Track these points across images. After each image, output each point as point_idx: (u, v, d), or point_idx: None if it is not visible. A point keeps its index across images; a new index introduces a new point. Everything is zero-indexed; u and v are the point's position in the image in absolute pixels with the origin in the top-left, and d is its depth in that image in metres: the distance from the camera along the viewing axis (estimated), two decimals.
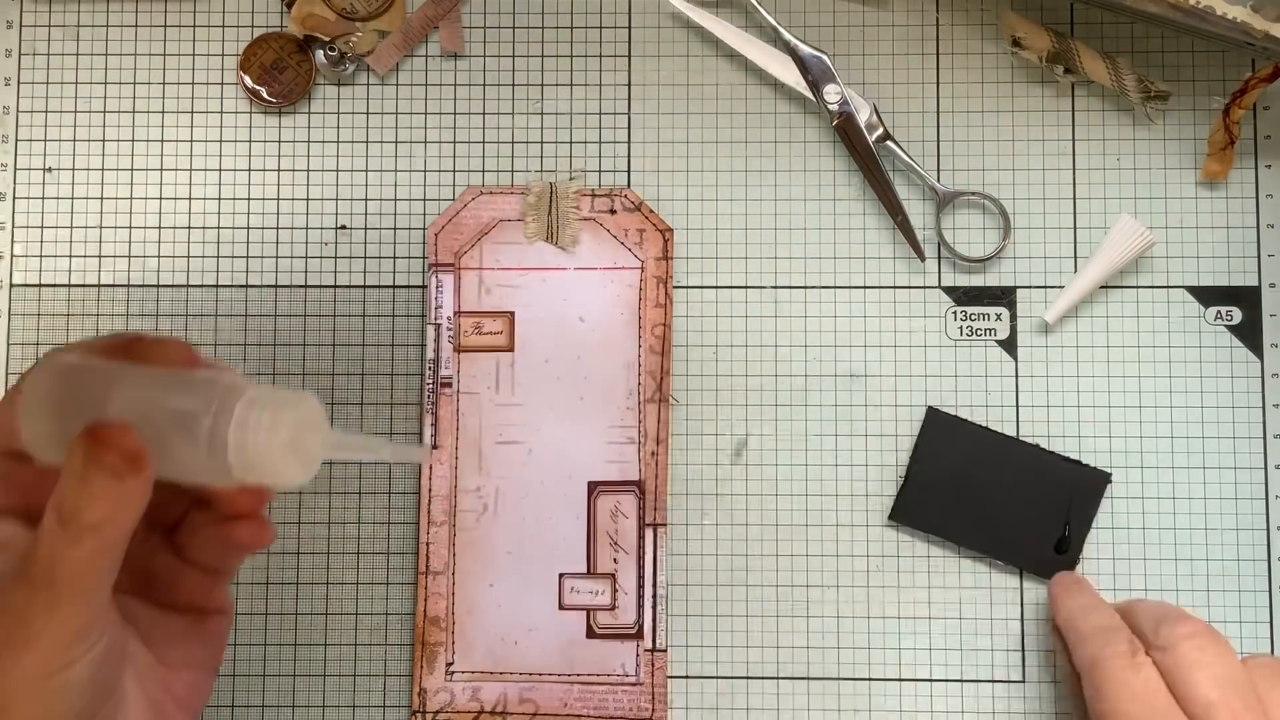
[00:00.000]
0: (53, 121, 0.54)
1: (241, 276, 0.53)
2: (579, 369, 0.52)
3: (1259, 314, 0.52)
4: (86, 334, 0.52)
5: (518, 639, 0.51)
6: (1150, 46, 0.53)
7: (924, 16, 0.54)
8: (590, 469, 0.51)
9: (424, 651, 0.51)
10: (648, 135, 0.53)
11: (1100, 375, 0.52)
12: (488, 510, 0.51)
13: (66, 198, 0.53)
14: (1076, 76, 0.52)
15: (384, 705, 0.51)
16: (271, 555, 0.52)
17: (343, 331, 0.53)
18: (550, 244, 0.52)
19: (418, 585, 0.51)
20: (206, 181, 0.53)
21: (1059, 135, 0.53)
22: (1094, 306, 0.52)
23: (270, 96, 0.53)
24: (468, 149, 0.53)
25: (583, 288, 0.52)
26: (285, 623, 0.52)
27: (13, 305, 0.53)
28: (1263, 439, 0.52)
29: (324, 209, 0.53)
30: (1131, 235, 0.51)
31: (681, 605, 0.52)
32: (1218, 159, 0.52)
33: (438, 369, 0.52)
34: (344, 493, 0.52)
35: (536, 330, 0.52)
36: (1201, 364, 0.52)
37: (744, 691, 0.51)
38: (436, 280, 0.52)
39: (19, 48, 0.54)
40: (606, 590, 0.51)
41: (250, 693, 0.51)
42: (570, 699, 0.50)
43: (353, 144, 0.53)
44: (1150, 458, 0.52)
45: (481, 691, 0.51)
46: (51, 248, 0.53)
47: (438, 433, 0.51)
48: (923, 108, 0.53)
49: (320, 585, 0.52)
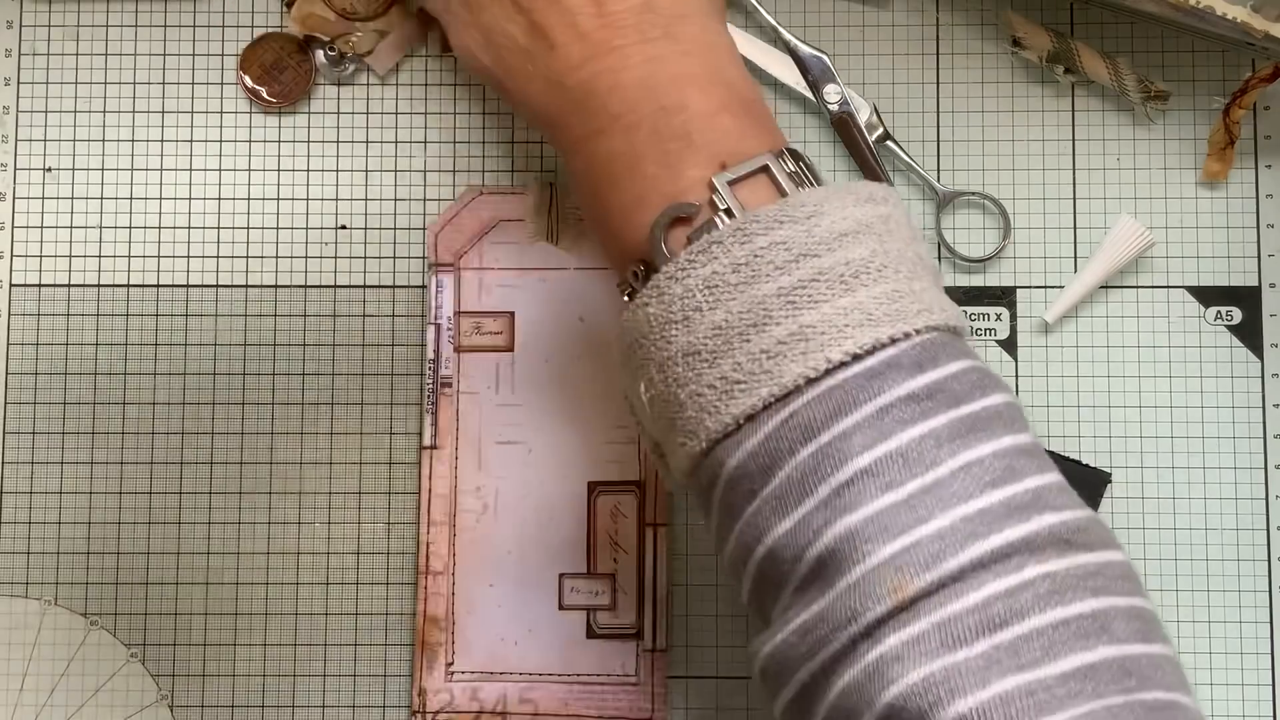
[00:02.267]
0: (53, 121, 0.54)
1: (241, 276, 0.53)
2: (579, 369, 0.52)
3: (1259, 314, 0.52)
4: (86, 334, 0.53)
5: (518, 639, 0.51)
6: (1150, 46, 0.53)
7: (924, 16, 0.54)
8: (590, 469, 0.51)
9: (424, 651, 0.51)
10: None
11: (1100, 375, 0.52)
12: (488, 510, 0.51)
13: (66, 198, 0.53)
14: (1076, 76, 0.52)
15: (384, 705, 0.51)
16: (271, 555, 0.52)
17: (343, 331, 0.53)
18: (550, 244, 0.52)
19: (418, 585, 0.51)
20: (206, 181, 0.53)
21: (1059, 135, 0.53)
22: (1094, 306, 0.52)
23: (270, 96, 0.53)
24: (468, 149, 0.53)
25: (583, 288, 0.52)
26: (285, 623, 0.52)
27: (12, 305, 0.53)
28: (1263, 439, 0.52)
29: (324, 209, 0.53)
30: (1131, 235, 0.51)
31: (681, 605, 0.52)
32: (1218, 159, 0.52)
33: (438, 369, 0.52)
34: (344, 493, 0.52)
35: (536, 330, 0.52)
36: (1201, 364, 0.52)
37: (744, 691, 0.51)
38: (436, 280, 0.52)
39: (19, 48, 0.54)
40: (606, 590, 0.51)
41: (250, 693, 0.51)
42: (570, 699, 0.50)
43: (353, 144, 0.53)
44: (1150, 458, 0.52)
45: (481, 692, 0.51)
46: (51, 248, 0.53)
47: (438, 433, 0.51)
48: (923, 108, 0.53)
49: (320, 585, 0.52)
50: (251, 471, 0.52)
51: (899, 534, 0.33)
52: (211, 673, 0.51)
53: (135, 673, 0.51)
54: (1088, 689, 0.32)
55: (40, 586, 0.52)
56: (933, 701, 0.32)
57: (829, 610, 0.34)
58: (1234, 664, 0.51)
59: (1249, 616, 0.51)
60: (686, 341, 0.36)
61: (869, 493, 0.34)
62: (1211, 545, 0.51)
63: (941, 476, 0.34)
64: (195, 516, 0.52)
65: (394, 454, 0.52)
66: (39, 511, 0.52)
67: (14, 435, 0.52)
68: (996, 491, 0.34)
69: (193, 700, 0.51)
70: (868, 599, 0.33)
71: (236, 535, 0.52)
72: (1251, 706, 0.51)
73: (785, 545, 0.35)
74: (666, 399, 0.37)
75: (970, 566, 0.33)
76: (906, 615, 0.33)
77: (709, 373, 0.36)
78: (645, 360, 0.37)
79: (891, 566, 0.33)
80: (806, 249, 0.35)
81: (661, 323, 0.36)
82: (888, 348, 0.35)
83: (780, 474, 0.35)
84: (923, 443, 0.34)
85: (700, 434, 0.36)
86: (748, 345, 0.35)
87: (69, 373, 0.52)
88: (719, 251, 0.36)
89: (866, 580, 0.33)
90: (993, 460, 0.34)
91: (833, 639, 0.34)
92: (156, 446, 0.52)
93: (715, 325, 0.35)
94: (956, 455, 0.34)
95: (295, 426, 0.52)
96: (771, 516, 0.35)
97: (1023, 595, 0.33)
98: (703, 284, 0.36)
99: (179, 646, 0.52)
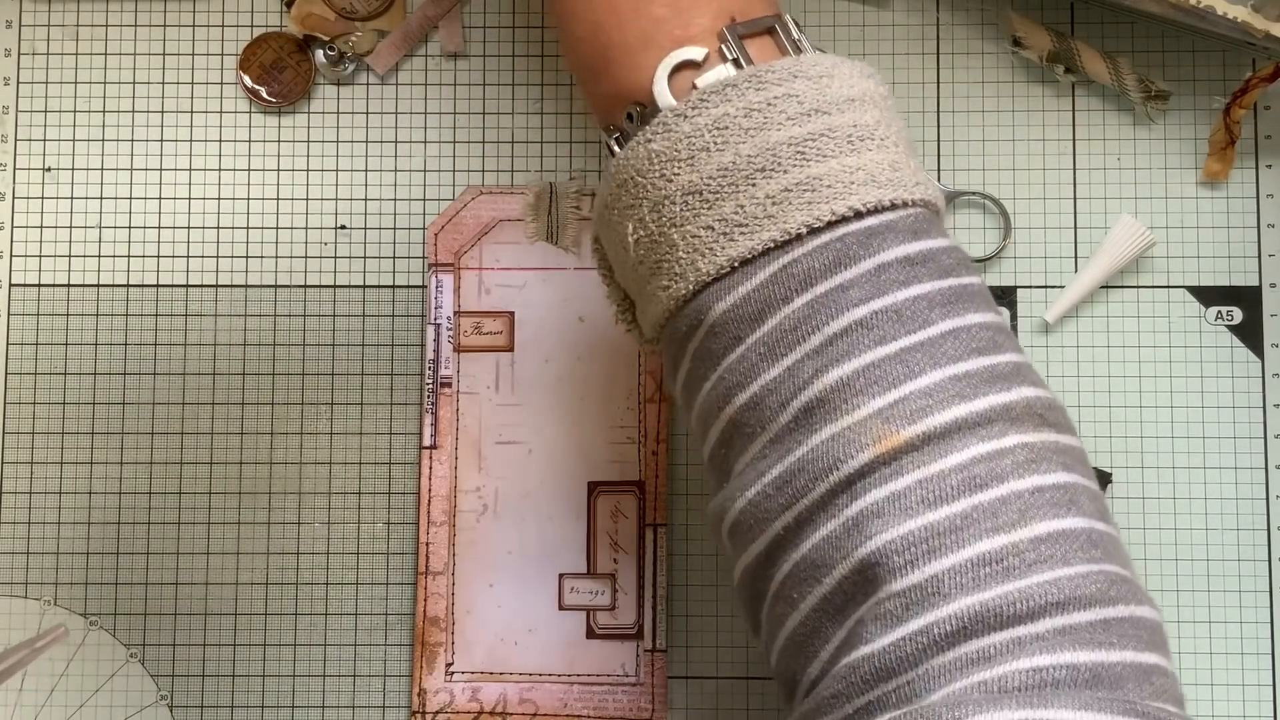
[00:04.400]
0: (52, 121, 0.54)
1: (241, 276, 0.53)
2: (579, 369, 0.52)
3: (1259, 314, 0.52)
4: (86, 334, 0.53)
5: (518, 639, 0.51)
6: (1150, 46, 0.53)
7: (924, 16, 0.54)
8: (590, 469, 0.51)
9: (424, 652, 0.51)
10: None
11: (1100, 375, 0.52)
12: (488, 510, 0.51)
13: (66, 198, 0.53)
14: (1077, 76, 0.52)
15: (384, 705, 0.51)
16: (271, 555, 0.52)
17: (343, 331, 0.53)
18: (550, 244, 0.52)
19: (417, 585, 0.51)
20: (206, 181, 0.53)
21: (1059, 135, 0.53)
22: (1094, 306, 0.52)
23: (270, 96, 0.53)
24: (468, 149, 0.53)
25: (583, 288, 0.52)
26: (285, 623, 0.52)
27: (12, 305, 0.53)
28: (1263, 439, 0.52)
29: (324, 209, 0.53)
30: (1131, 235, 0.51)
31: (681, 605, 0.52)
32: (1218, 159, 0.52)
33: (438, 369, 0.52)
34: (344, 493, 0.52)
35: (536, 330, 0.52)
36: (1201, 364, 0.52)
37: (744, 691, 0.51)
38: (436, 280, 0.52)
39: (18, 48, 0.54)
40: (606, 590, 0.51)
41: (250, 693, 0.51)
42: (570, 699, 0.50)
43: (352, 144, 0.53)
44: (1150, 458, 0.52)
45: (481, 692, 0.51)
46: (51, 248, 0.53)
47: (438, 433, 0.51)
48: (923, 108, 0.53)
49: (320, 585, 0.52)
50: (251, 471, 0.52)
51: (889, 387, 0.34)
52: (211, 673, 0.51)
53: (135, 673, 0.51)
54: (1057, 554, 0.33)
55: (40, 586, 0.52)
56: (909, 560, 0.32)
57: (809, 458, 0.34)
58: (1234, 664, 0.51)
59: (1249, 616, 0.51)
60: (689, 180, 0.36)
61: (862, 344, 0.34)
62: (1211, 545, 0.51)
63: (933, 336, 0.34)
64: (195, 516, 0.52)
65: (393, 454, 0.52)
66: (39, 511, 0.52)
67: (14, 435, 0.52)
68: (982, 358, 0.35)
69: (193, 700, 0.51)
70: (851, 446, 0.33)
71: (236, 535, 0.52)
72: (1252, 707, 0.51)
73: (770, 391, 0.35)
74: (656, 239, 0.37)
75: (955, 426, 0.33)
76: (889, 471, 0.33)
77: (708, 214, 0.36)
78: (639, 199, 0.37)
79: (880, 418, 0.33)
80: (818, 105, 0.36)
81: (664, 160, 0.36)
82: (887, 211, 0.36)
83: (771, 321, 0.35)
84: (916, 303, 0.35)
85: (689, 276, 0.36)
86: (753, 189, 0.35)
87: (69, 373, 0.52)
88: (733, 94, 0.36)
89: (853, 429, 0.34)
90: (979, 330, 0.35)
91: (811, 489, 0.34)
92: (156, 446, 0.52)
93: (722, 166, 0.36)
94: (946, 319, 0.35)
95: (295, 426, 0.52)
96: (760, 363, 0.35)
97: (1004, 460, 0.33)
98: (713, 124, 0.36)
99: (179, 646, 0.52)
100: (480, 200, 0.53)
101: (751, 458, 0.36)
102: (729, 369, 0.36)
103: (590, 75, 0.40)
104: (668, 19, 0.38)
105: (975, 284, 0.36)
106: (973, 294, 0.36)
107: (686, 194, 0.36)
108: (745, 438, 0.36)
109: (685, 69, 0.37)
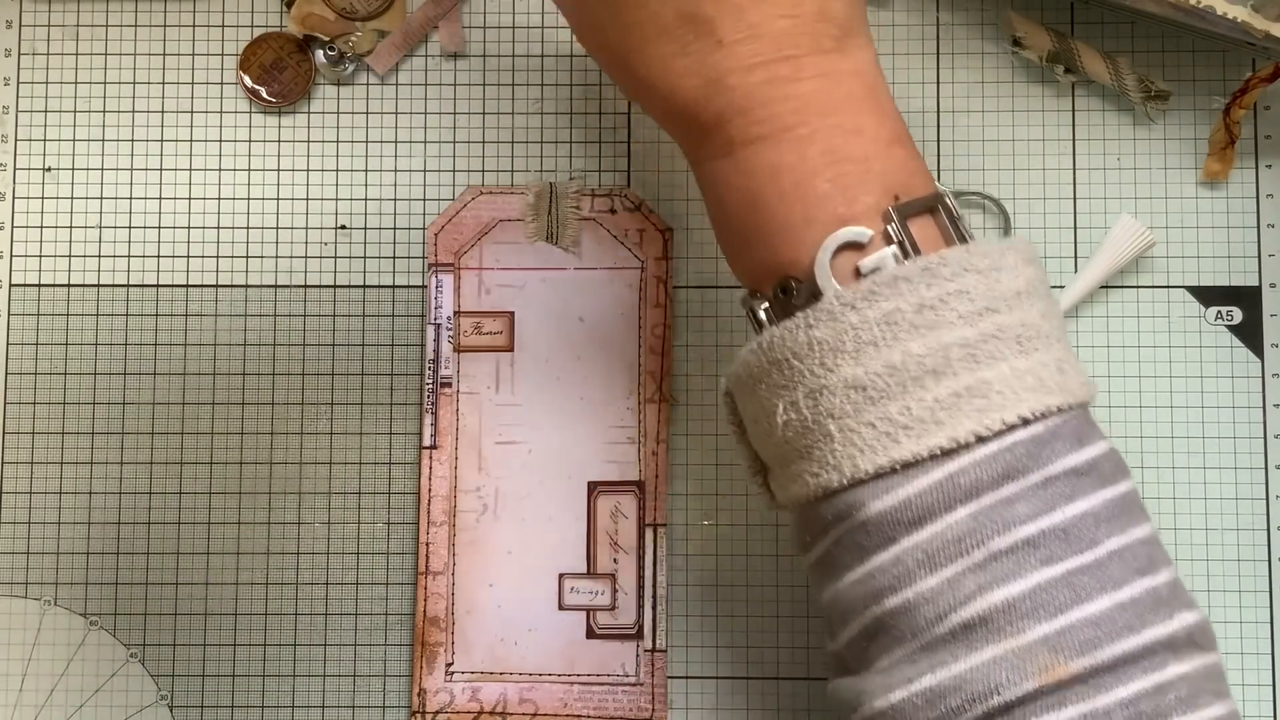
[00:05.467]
0: (52, 121, 0.54)
1: (241, 276, 0.53)
2: (579, 369, 0.52)
3: (1259, 314, 0.52)
4: (86, 334, 0.53)
5: (518, 639, 0.51)
6: (1150, 46, 0.53)
7: (924, 16, 0.54)
8: (590, 469, 0.51)
9: (424, 652, 0.51)
10: (648, 135, 0.53)
11: (1100, 375, 0.52)
12: (488, 510, 0.51)
13: (66, 198, 0.53)
14: (1077, 76, 0.52)
15: (384, 705, 0.51)
16: (271, 555, 0.52)
17: (343, 331, 0.53)
18: (550, 244, 0.52)
19: (417, 585, 0.51)
20: (206, 181, 0.53)
21: (1059, 135, 0.53)
22: (1094, 306, 0.52)
23: (270, 96, 0.53)
24: (468, 149, 0.53)
25: (583, 288, 0.52)
26: (285, 623, 0.52)
27: (12, 305, 0.53)
28: (1263, 439, 0.52)
29: (324, 209, 0.53)
30: (1131, 235, 0.51)
31: (681, 605, 0.52)
32: (1218, 159, 0.52)
33: (438, 369, 0.52)
34: (344, 493, 0.52)
35: (536, 330, 0.52)
36: (1201, 364, 0.52)
37: (744, 691, 0.51)
38: (436, 280, 0.52)
39: (18, 48, 0.54)
40: (606, 590, 0.51)
41: (250, 693, 0.51)
42: (570, 699, 0.50)
43: (352, 144, 0.53)
44: (1150, 458, 0.52)
45: (481, 692, 0.51)
46: (51, 248, 0.53)
47: (437, 433, 0.51)
48: (923, 107, 0.53)
49: (320, 585, 0.52)
50: (251, 471, 0.52)
51: (1056, 613, 0.33)
52: (211, 673, 0.52)
53: (135, 673, 0.51)
54: None
55: (40, 586, 0.52)
56: None
57: (968, 677, 0.33)
58: (1234, 664, 0.51)
59: (1249, 616, 0.51)
60: (852, 374, 0.35)
61: (1028, 564, 0.33)
62: (1211, 545, 0.51)
63: (1100, 558, 0.34)
64: (195, 516, 0.52)
65: (394, 454, 0.52)
66: (39, 511, 0.52)
67: (14, 435, 0.52)
68: (1143, 579, 0.34)
69: (192, 700, 0.51)
70: (1015, 673, 0.33)
71: (236, 535, 0.52)
72: (1252, 707, 0.51)
73: (927, 600, 0.34)
74: (809, 426, 0.36)
75: (1122, 659, 0.33)
76: (1052, 700, 0.33)
77: (870, 410, 0.35)
78: (793, 382, 0.36)
79: (1046, 646, 0.33)
80: (989, 303, 0.35)
81: (827, 349, 0.35)
82: (1053, 417, 0.35)
83: (931, 528, 0.34)
84: (1083, 520, 0.34)
85: (845, 469, 0.35)
86: (922, 391, 0.34)
87: (69, 373, 0.52)
88: (905, 289, 0.35)
89: (1017, 654, 0.33)
90: (1139, 547, 0.35)
91: (967, 710, 0.33)
92: (156, 446, 0.52)
93: (889, 364, 0.34)
94: (1111, 537, 0.34)
95: (295, 426, 0.52)
96: (917, 569, 0.34)
97: (1166, 696, 0.33)
98: (882, 318, 0.34)
99: (179, 646, 0.52)
100: (480, 200, 0.53)
101: (898, 659, 0.35)
102: (880, 569, 0.35)
103: (742, 243, 0.38)
104: (832, 195, 0.36)
105: (1131, 491, 0.36)
106: (1130, 504, 0.35)
107: (849, 387, 0.35)
108: (893, 639, 0.35)
109: (847, 249, 0.36)
